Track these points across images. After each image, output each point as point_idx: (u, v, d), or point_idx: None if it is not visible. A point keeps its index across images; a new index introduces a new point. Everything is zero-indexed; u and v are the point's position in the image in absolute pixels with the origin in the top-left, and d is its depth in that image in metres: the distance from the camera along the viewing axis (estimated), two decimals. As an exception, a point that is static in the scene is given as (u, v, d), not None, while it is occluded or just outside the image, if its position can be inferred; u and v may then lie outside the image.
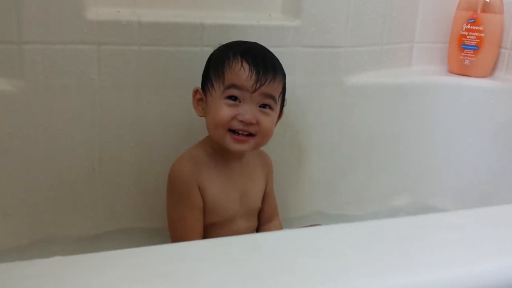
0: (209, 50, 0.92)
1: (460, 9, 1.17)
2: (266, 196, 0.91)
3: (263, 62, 0.77)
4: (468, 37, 1.16)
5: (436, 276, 0.43)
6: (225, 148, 0.78)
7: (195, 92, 0.83)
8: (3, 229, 0.89)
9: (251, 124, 0.76)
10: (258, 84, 0.75)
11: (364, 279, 0.41)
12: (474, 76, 1.16)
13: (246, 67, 0.76)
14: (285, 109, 0.86)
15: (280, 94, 0.81)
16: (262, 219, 0.92)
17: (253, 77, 0.76)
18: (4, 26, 0.81)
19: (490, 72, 1.17)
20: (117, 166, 0.94)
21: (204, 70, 0.84)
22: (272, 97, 0.78)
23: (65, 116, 0.88)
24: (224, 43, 0.87)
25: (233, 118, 0.76)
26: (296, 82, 0.98)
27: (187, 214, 0.80)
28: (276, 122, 0.83)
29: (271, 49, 0.96)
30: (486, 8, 1.14)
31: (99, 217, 0.95)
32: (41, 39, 0.83)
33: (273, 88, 0.78)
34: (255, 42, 0.85)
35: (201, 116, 0.83)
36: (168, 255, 0.44)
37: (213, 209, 0.81)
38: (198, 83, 0.94)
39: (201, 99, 0.82)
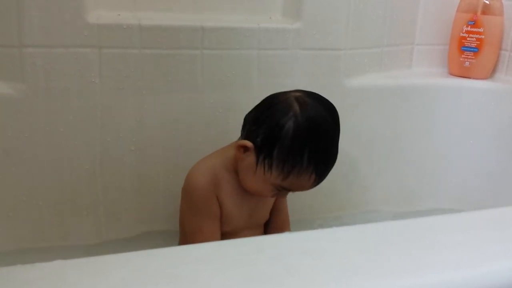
0: (210, 53, 0.93)
1: (460, 11, 1.17)
2: (276, 209, 0.90)
3: (329, 168, 0.75)
4: (468, 39, 1.16)
5: (441, 278, 0.43)
6: None
7: (246, 148, 0.74)
8: (4, 232, 0.89)
9: None
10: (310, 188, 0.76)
11: (368, 281, 0.41)
12: (474, 78, 1.16)
13: (312, 179, 0.73)
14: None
15: None
16: (271, 230, 0.91)
17: (312, 187, 0.75)
18: (5, 30, 0.82)
19: (490, 73, 1.18)
20: (118, 169, 0.94)
21: (266, 131, 0.72)
22: None
23: (66, 119, 0.88)
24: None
25: (273, 196, 0.79)
26: (297, 85, 0.98)
27: (207, 224, 0.79)
28: None
29: (272, 52, 0.97)
30: (486, 10, 1.14)
31: (100, 219, 0.95)
32: (42, 42, 0.83)
33: None
34: (330, 127, 0.74)
35: (238, 156, 0.76)
36: (173, 257, 0.43)
37: (226, 221, 0.81)
38: (198, 86, 0.94)
39: (248, 150, 0.75)
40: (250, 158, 0.75)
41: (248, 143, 0.74)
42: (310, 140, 0.71)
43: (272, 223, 0.90)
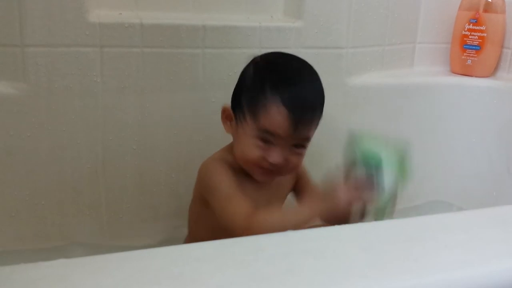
0: (211, 52, 0.93)
1: (462, 9, 1.17)
2: (302, 187, 0.85)
3: (305, 104, 0.72)
4: (470, 37, 1.16)
5: (443, 277, 0.43)
6: None
7: (224, 110, 0.78)
8: (6, 231, 0.89)
9: (279, 164, 0.73)
10: (294, 132, 0.71)
11: (370, 280, 0.41)
12: (476, 76, 1.16)
13: (283, 112, 0.70)
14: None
15: (317, 126, 0.76)
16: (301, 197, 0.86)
17: (290, 126, 0.70)
18: (7, 29, 0.82)
19: (492, 71, 1.17)
20: (120, 168, 0.94)
21: (236, 89, 0.77)
22: (307, 138, 0.74)
23: (68, 118, 0.88)
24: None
25: (262, 158, 0.73)
26: (299, 83, 0.98)
27: (236, 192, 0.73)
28: None
29: (273, 51, 0.96)
30: (488, 8, 1.14)
31: (102, 218, 0.95)
32: (44, 42, 0.83)
33: (309, 130, 0.73)
34: (297, 64, 0.77)
35: (227, 132, 0.79)
36: (175, 256, 0.44)
37: None
38: (199, 84, 0.94)
39: (230, 117, 0.77)
40: (233, 122, 0.76)
41: (226, 105, 0.77)
42: (269, 72, 0.73)
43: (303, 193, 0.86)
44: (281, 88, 0.71)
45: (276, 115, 0.70)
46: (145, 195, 0.97)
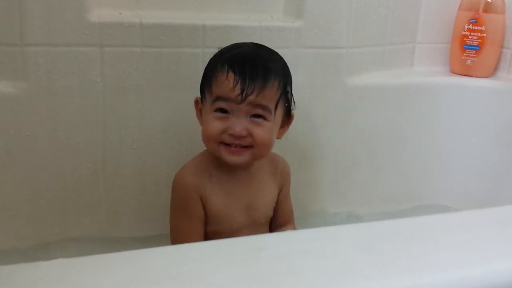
0: (211, 51, 0.92)
1: (461, 9, 1.17)
2: (278, 204, 0.86)
3: (252, 69, 0.72)
4: (470, 37, 1.16)
5: (443, 277, 0.43)
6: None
7: (196, 102, 0.80)
8: (7, 230, 0.89)
9: (242, 137, 0.72)
10: (244, 94, 0.70)
11: (370, 280, 0.41)
12: (476, 76, 1.16)
13: (231, 77, 0.71)
14: (288, 110, 0.85)
15: (278, 100, 0.74)
16: (274, 226, 0.88)
17: (238, 87, 0.70)
18: (7, 29, 0.82)
19: (492, 72, 1.17)
20: (119, 168, 0.94)
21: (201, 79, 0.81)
22: (263, 106, 0.72)
23: (68, 118, 0.88)
24: (223, 46, 0.86)
25: (223, 131, 0.72)
26: (299, 83, 0.98)
27: (185, 224, 0.78)
28: (285, 128, 0.80)
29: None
30: (488, 8, 1.14)
31: (102, 218, 0.95)
32: (44, 41, 0.83)
33: (264, 97, 0.72)
34: (253, 45, 0.81)
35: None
36: (174, 256, 0.44)
37: (215, 220, 0.78)
38: (200, 84, 0.94)
39: (201, 109, 0.79)
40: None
41: (197, 97, 0.80)
42: (224, 51, 0.77)
43: (274, 221, 0.87)
44: (231, 59, 0.74)
45: (224, 79, 0.72)
46: (145, 195, 0.97)
